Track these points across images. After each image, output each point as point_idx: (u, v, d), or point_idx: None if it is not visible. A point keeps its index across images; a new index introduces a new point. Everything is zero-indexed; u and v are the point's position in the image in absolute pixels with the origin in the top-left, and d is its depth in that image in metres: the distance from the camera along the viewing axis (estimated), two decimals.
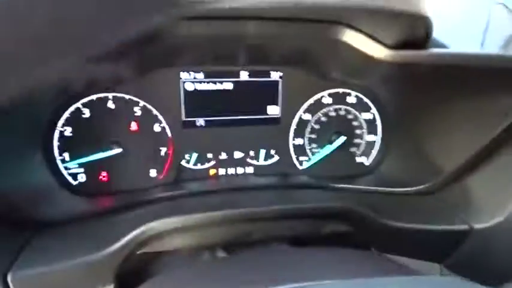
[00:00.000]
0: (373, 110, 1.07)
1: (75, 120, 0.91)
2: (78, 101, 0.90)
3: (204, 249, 0.86)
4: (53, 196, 0.89)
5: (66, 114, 0.90)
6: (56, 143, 0.91)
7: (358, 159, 1.11)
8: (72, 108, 0.90)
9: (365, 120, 1.08)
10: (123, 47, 0.64)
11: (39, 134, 0.88)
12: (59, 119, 0.90)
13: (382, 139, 1.09)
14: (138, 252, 0.77)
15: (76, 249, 0.71)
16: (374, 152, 1.10)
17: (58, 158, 0.92)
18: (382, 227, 0.83)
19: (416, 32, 0.69)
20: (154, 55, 0.80)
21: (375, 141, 1.10)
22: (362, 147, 1.10)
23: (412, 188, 0.96)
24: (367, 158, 1.11)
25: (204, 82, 0.96)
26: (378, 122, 1.08)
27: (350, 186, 1.01)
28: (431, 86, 0.83)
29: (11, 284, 0.64)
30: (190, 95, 0.96)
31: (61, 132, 0.91)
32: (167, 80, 0.94)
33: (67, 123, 0.91)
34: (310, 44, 0.82)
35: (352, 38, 0.75)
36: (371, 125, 1.08)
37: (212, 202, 0.89)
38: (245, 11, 0.65)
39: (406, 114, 1.00)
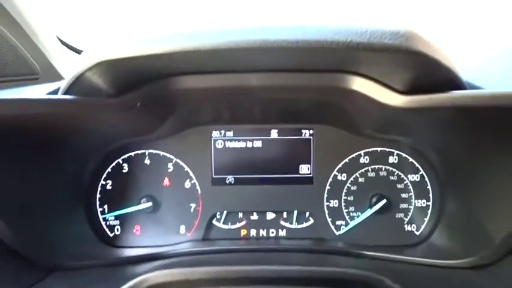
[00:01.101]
0: (422, 171, 0.96)
1: (115, 174, 0.98)
2: (119, 156, 0.98)
3: None
4: (87, 245, 0.94)
5: (108, 169, 0.98)
6: (97, 195, 0.99)
7: (407, 228, 0.97)
8: (113, 164, 0.98)
9: (412, 182, 0.97)
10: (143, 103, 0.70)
11: (84, 186, 0.97)
12: (102, 173, 0.99)
13: (434, 204, 0.95)
14: None
15: None
16: (426, 219, 0.96)
17: (98, 210, 0.99)
18: None
19: (426, 71, 0.62)
20: (178, 112, 0.85)
21: (426, 207, 0.96)
22: (410, 214, 0.97)
23: (462, 260, 0.79)
24: (418, 226, 0.97)
25: (234, 140, 0.98)
26: (429, 185, 0.96)
27: (392, 255, 0.88)
28: (470, 135, 0.73)
29: None
30: (220, 152, 0.98)
31: (103, 186, 0.99)
32: (199, 138, 0.98)
33: (108, 176, 0.99)
34: (327, 97, 0.80)
35: (363, 86, 0.71)
36: (421, 189, 0.97)
37: (231, 259, 0.85)
38: (243, 63, 0.67)
39: (457, 173, 0.88)
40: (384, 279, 0.69)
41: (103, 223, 0.99)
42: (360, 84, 0.71)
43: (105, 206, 0.99)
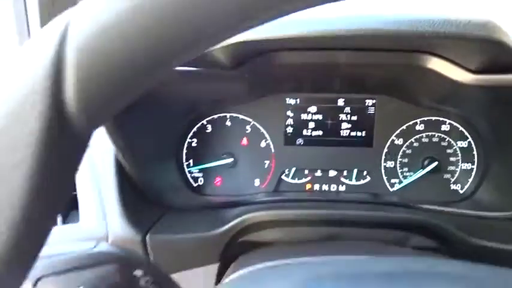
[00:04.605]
0: (470, 139, 1.09)
1: (200, 133, 1.14)
2: (204, 118, 1.13)
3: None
4: (179, 191, 1.12)
5: (194, 129, 1.14)
6: (184, 151, 1.15)
7: (453, 187, 1.12)
8: (199, 124, 1.13)
9: (460, 148, 1.10)
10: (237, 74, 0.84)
11: (174, 143, 1.13)
12: (189, 132, 1.14)
13: (478, 168, 1.09)
14: (239, 240, 0.93)
15: (193, 228, 0.90)
16: (469, 180, 1.11)
17: (185, 164, 1.15)
18: (471, 246, 0.85)
19: (501, 57, 0.75)
20: (263, 82, 0.99)
21: (470, 170, 1.11)
22: (456, 175, 1.11)
23: (508, 213, 0.95)
24: (462, 185, 1.12)
25: (304, 107, 1.12)
26: (475, 151, 1.10)
27: (441, 208, 1.03)
28: None
29: (148, 244, 0.86)
30: (293, 117, 1.12)
31: (189, 143, 1.14)
32: (274, 104, 1.11)
33: (194, 136, 1.14)
34: (400, 72, 0.93)
35: (438, 65, 0.83)
36: (467, 153, 1.10)
37: (306, 205, 1.01)
38: (337, 42, 0.80)
39: (504, 143, 1.01)
40: (448, 226, 0.85)
41: (188, 175, 1.16)
42: (435, 64, 0.83)
43: (191, 161, 1.15)
